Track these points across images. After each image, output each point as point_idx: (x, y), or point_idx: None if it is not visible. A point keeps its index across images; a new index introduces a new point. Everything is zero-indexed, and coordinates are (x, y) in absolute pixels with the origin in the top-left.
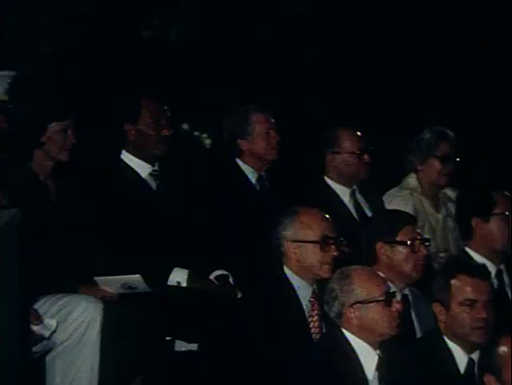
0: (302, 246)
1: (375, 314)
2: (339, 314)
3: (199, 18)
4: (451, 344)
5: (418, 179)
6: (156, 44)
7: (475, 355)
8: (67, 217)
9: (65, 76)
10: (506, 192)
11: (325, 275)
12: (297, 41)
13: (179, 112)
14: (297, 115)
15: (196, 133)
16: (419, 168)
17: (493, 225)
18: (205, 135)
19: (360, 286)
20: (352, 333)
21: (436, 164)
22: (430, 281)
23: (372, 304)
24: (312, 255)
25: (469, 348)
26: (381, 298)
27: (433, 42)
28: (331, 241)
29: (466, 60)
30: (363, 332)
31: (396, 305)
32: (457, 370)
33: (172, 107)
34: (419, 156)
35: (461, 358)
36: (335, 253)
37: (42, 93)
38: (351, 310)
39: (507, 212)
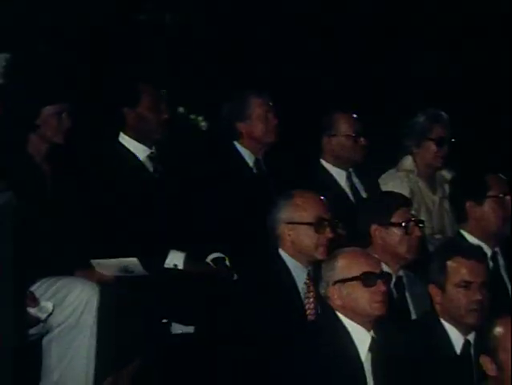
0: (297, 228)
1: (354, 294)
2: (326, 294)
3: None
4: (447, 325)
5: (414, 161)
6: (152, 28)
7: (471, 336)
8: (64, 200)
9: (62, 60)
10: (501, 175)
11: (320, 257)
12: (295, 27)
13: (175, 95)
14: (294, 99)
15: (192, 116)
16: (414, 151)
17: (488, 208)
18: (200, 118)
19: (340, 266)
20: (342, 313)
21: (432, 147)
22: (425, 263)
23: (351, 283)
24: (307, 237)
25: (464, 329)
26: (357, 277)
27: (432, 29)
28: (326, 223)
29: (465, 47)
30: (347, 312)
31: (380, 286)
32: (453, 351)
33: (169, 90)
34: (414, 139)
35: (457, 339)
36: (330, 235)
37: (36, 75)
38: (334, 290)
39: (506, 196)
